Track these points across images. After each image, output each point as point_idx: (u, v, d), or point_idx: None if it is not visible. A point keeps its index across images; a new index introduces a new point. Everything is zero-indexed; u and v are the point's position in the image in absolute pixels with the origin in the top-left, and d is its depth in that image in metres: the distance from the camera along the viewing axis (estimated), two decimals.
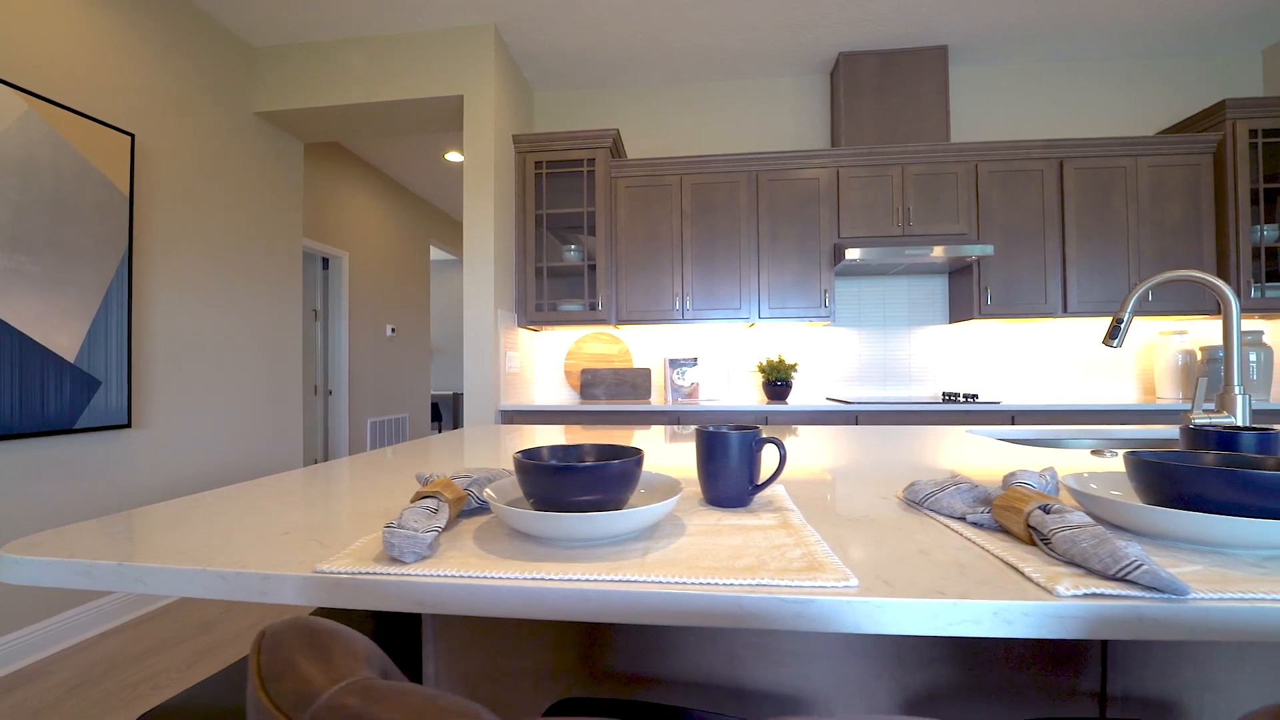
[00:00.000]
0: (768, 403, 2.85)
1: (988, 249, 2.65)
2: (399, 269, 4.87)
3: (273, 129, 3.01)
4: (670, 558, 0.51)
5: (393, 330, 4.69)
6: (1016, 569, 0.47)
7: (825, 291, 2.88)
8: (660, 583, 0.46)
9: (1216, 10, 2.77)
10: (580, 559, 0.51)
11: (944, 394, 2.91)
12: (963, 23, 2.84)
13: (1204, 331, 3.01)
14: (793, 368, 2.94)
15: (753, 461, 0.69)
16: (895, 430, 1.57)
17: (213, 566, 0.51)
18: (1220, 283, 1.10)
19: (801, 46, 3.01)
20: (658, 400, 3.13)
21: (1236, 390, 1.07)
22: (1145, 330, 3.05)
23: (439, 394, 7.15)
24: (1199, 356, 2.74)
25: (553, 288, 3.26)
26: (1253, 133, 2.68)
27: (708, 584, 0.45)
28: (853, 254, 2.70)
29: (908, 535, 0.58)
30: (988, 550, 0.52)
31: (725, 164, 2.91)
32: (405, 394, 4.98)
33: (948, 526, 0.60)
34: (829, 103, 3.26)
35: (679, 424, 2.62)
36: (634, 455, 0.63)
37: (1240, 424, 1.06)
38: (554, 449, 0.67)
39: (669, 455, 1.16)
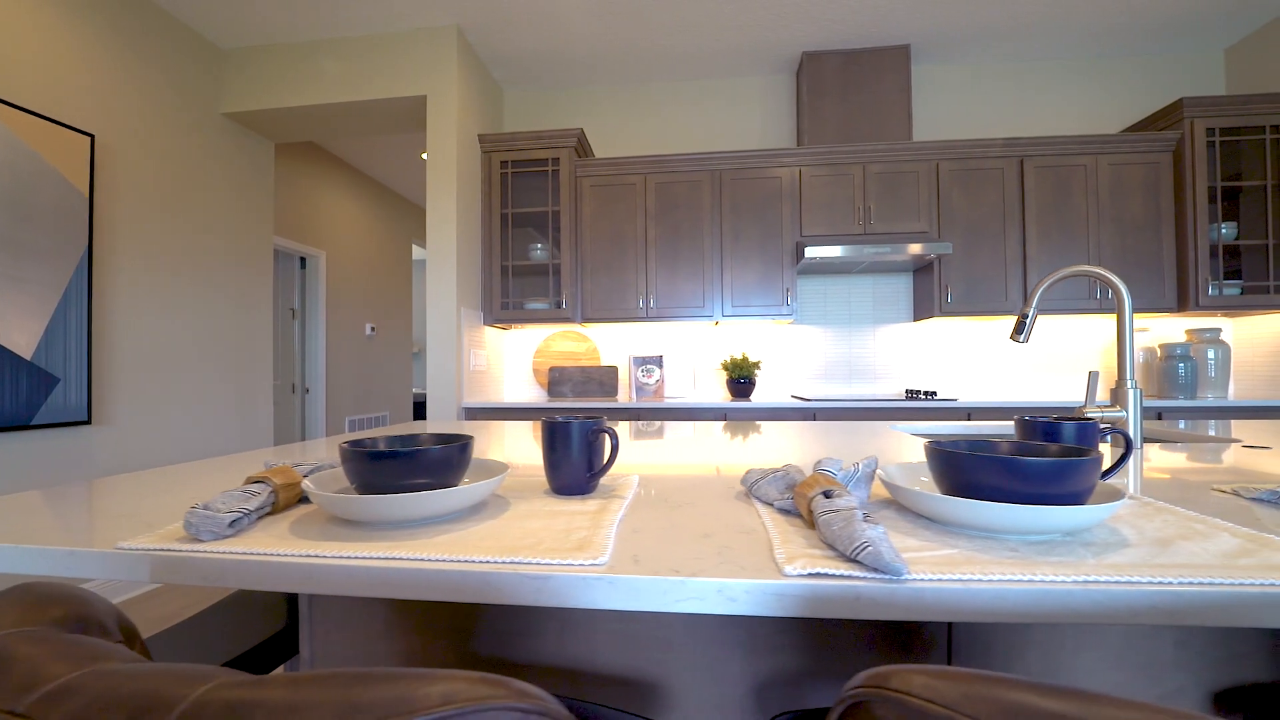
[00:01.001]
0: (732, 400, 2.87)
1: (946, 247, 2.66)
2: (380, 268, 4.90)
3: (241, 129, 3.04)
4: (460, 539, 0.53)
5: (373, 329, 4.72)
6: (772, 550, 0.49)
7: (787, 290, 2.89)
8: (416, 560, 0.48)
9: (1177, 10, 2.78)
10: (379, 539, 0.53)
11: (907, 391, 2.93)
12: (925, 22, 2.85)
13: (1165, 329, 3.02)
14: (756, 365, 2.96)
15: (592, 451, 0.71)
16: (825, 426, 1.58)
17: (28, 544, 0.53)
18: (1113, 277, 1.11)
19: (765, 46, 3.02)
20: (624, 398, 3.15)
21: (1128, 385, 1.09)
22: (1107, 328, 3.06)
23: (422, 393, 7.18)
24: (1159, 354, 2.75)
25: (520, 286, 3.28)
26: (1210, 131, 2.68)
27: (460, 561, 0.47)
28: (812, 252, 2.71)
29: (712, 520, 0.60)
30: (768, 532, 0.54)
31: (687, 163, 2.93)
32: (387, 392, 5.01)
33: (760, 512, 0.62)
34: (795, 102, 3.28)
35: (637, 421, 2.64)
36: (458, 441, 0.65)
37: (1130, 416, 1.08)
38: (392, 438, 0.69)
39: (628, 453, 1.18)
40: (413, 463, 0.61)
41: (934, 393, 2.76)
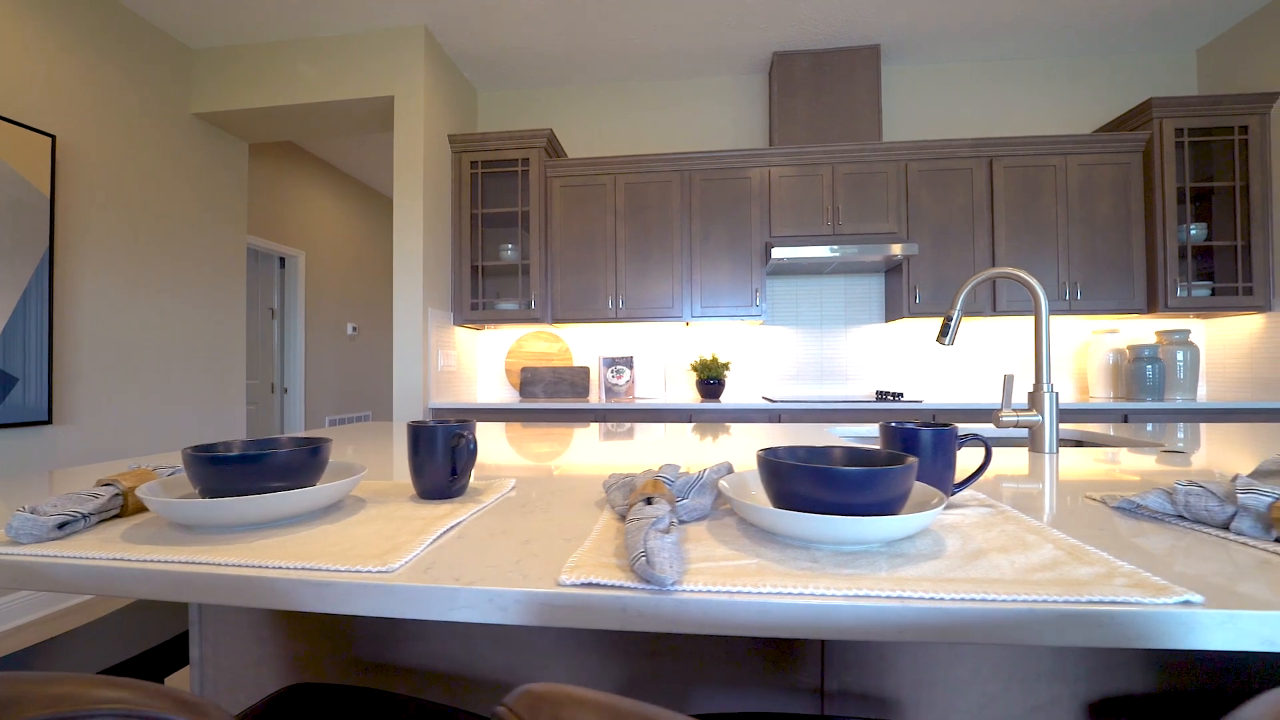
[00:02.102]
0: (701, 401, 2.86)
1: (913, 248, 2.65)
2: (362, 268, 4.91)
3: (213, 129, 3.04)
4: (280, 544, 0.53)
5: (354, 329, 4.72)
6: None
7: (756, 291, 2.88)
8: (208, 564, 0.48)
9: (1148, 10, 2.76)
10: (202, 543, 0.52)
11: (877, 392, 2.91)
12: (894, 22, 2.84)
13: (1135, 331, 3.00)
14: (725, 366, 2.95)
15: (455, 455, 0.71)
16: (767, 428, 1.58)
17: None
18: (1031, 279, 1.10)
19: (736, 46, 3.01)
20: (596, 399, 3.15)
21: (1045, 389, 1.08)
22: (1079, 330, 3.04)
23: None
24: (1127, 356, 2.73)
25: (491, 286, 3.28)
26: (1179, 131, 2.67)
27: (250, 566, 0.47)
28: (779, 253, 2.70)
29: (552, 527, 0.59)
30: (587, 540, 0.53)
31: (657, 163, 2.92)
32: (369, 392, 5.01)
33: (602, 518, 0.61)
34: (768, 102, 3.27)
35: (602, 421, 2.63)
36: (312, 445, 0.65)
37: (1045, 421, 1.07)
38: (248, 443, 0.69)
39: (602, 454, 1.18)
40: (251, 467, 0.60)
41: (900, 394, 2.75)
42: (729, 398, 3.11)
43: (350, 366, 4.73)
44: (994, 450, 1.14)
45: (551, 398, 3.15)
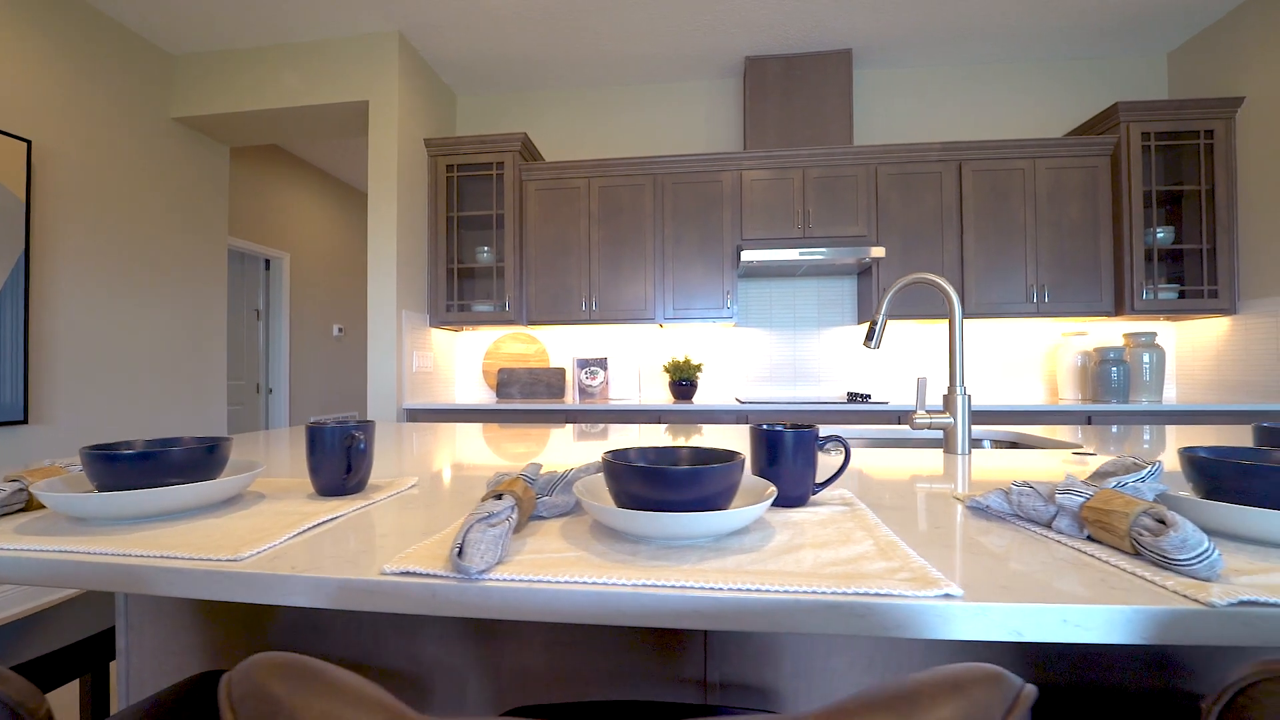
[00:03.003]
0: (674, 402, 2.89)
1: (880, 251, 2.68)
2: (348, 269, 4.95)
3: (193, 133, 3.08)
4: (155, 536, 0.56)
5: (340, 330, 4.76)
6: (406, 549, 0.52)
7: (727, 293, 2.91)
8: (66, 552, 0.51)
9: (1118, 15, 2.78)
10: (87, 535, 0.56)
11: (849, 394, 2.94)
12: (865, 27, 2.86)
13: (1104, 333, 3.02)
14: (698, 368, 2.98)
15: (352, 454, 0.74)
16: (725, 428, 1.60)
17: None
18: (946, 284, 1.13)
19: (709, 51, 3.04)
20: (571, 400, 3.18)
21: (958, 392, 1.11)
22: (1050, 332, 3.06)
23: None
24: (1093, 358, 2.75)
25: (468, 288, 3.31)
26: (1145, 135, 2.69)
27: (107, 555, 0.50)
28: (748, 256, 2.73)
29: (421, 523, 0.63)
30: (441, 534, 0.56)
31: (630, 167, 2.96)
32: (355, 392, 5.06)
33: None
34: (743, 106, 3.30)
35: (574, 422, 2.66)
36: (209, 443, 0.68)
37: (957, 423, 1.10)
38: (150, 441, 0.72)
39: (574, 454, 1.21)
40: (142, 464, 0.63)
41: (868, 396, 2.78)
42: (702, 399, 3.14)
43: (336, 367, 4.78)
44: (916, 450, 1.17)
45: (528, 399, 3.19)
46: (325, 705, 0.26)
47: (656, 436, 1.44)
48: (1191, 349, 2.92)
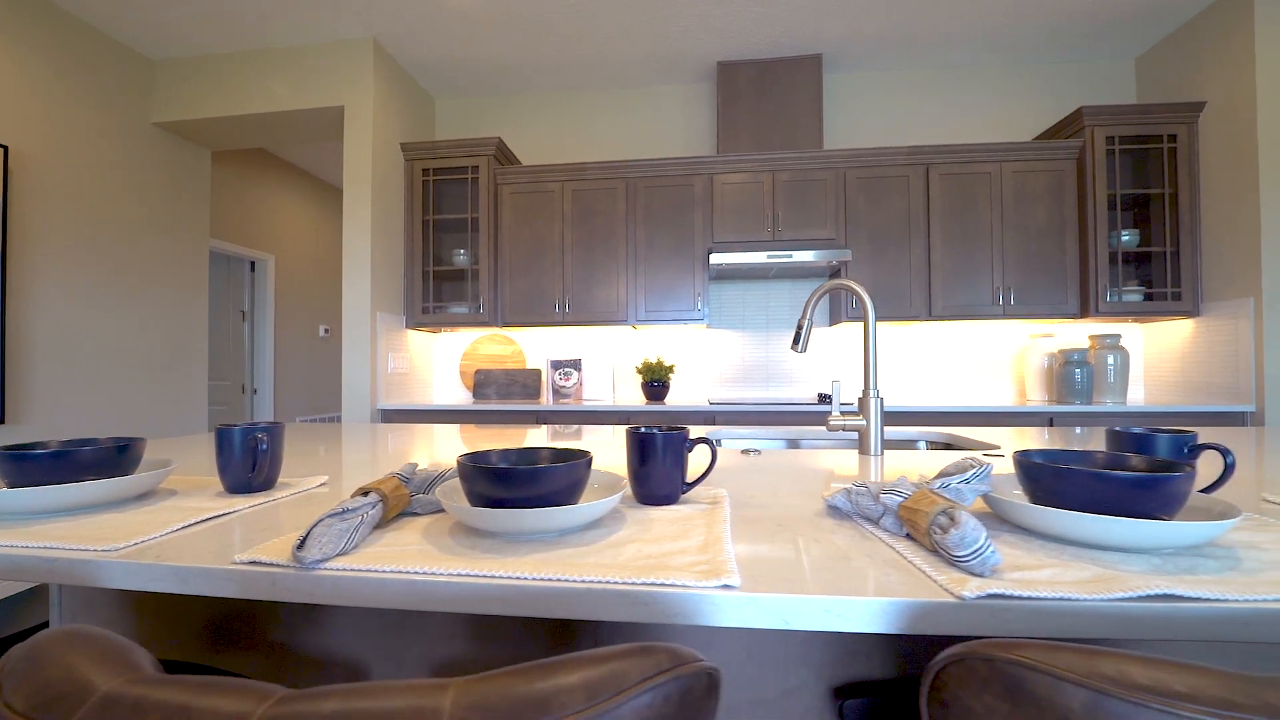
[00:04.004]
0: (647, 403, 2.93)
1: (846, 254, 2.72)
2: (333, 270, 5.00)
3: (173, 138, 3.13)
4: (51, 529, 0.60)
5: (326, 330, 4.81)
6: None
7: (698, 295, 2.95)
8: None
9: (1086, 20, 2.81)
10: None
11: (819, 395, 2.97)
12: (835, 32, 2.90)
13: (1071, 335, 3.05)
14: (670, 369, 3.02)
15: (256, 454, 0.78)
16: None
17: None
18: (861, 291, 1.17)
19: (681, 56, 3.08)
20: (546, 401, 3.22)
21: (872, 395, 1.14)
22: (1019, 334, 3.09)
23: None
24: (1059, 360, 2.78)
25: (445, 290, 3.35)
26: (1110, 139, 2.72)
27: (7, 546, 0.55)
28: (717, 259, 2.77)
29: (299, 517, 0.67)
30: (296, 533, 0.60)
31: (603, 170, 2.99)
32: (340, 392, 5.10)
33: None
34: (716, 110, 3.33)
35: (546, 423, 2.71)
36: (120, 443, 0.73)
37: (870, 425, 1.13)
38: (64, 442, 0.76)
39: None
40: (50, 463, 0.68)
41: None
42: (676, 399, 3.18)
43: (322, 368, 4.83)
44: (834, 451, 1.21)
45: (504, 399, 3.23)
46: (74, 659, 0.30)
47: (604, 437, 1.48)
48: (1159, 351, 2.95)
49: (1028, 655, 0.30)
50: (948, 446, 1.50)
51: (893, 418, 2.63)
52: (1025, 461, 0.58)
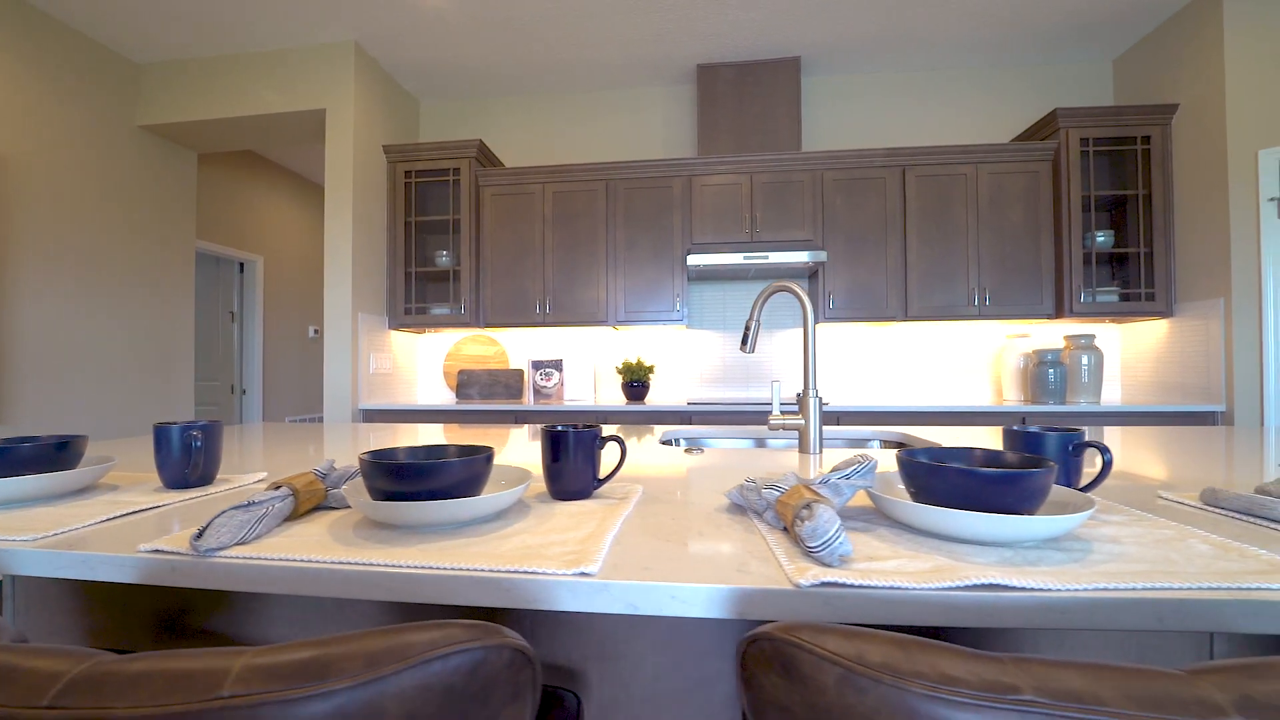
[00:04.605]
0: (627, 403, 2.96)
1: (822, 255, 2.74)
2: (322, 271, 5.03)
3: (159, 140, 3.17)
4: (10, 519, 0.63)
5: (315, 331, 4.85)
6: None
7: (677, 296, 2.98)
8: None
9: (1063, 22, 2.83)
10: None
11: (797, 395, 2.99)
12: (813, 35, 2.92)
13: (1048, 336, 3.07)
14: (650, 369, 3.05)
15: (192, 450, 0.81)
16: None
17: None
18: (801, 293, 1.19)
19: (661, 59, 3.11)
20: (528, 401, 3.25)
21: (811, 395, 1.17)
22: (997, 334, 3.11)
23: None
24: (1033, 360, 2.80)
25: (427, 291, 3.38)
26: (1084, 141, 2.74)
27: None
28: (694, 260, 2.80)
29: (214, 511, 0.69)
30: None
31: (584, 172, 3.02)
32: None
33: None
34: (696, 112, 3.36)
35: (525, 423, 2.73)
36: (59, 440, 0.76)
37: (809, 424, 1.16)
38: (11, 439, 0.79)
39: (518, 453, 1.28)
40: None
41: None
42: (656, 399, 3.20)
43: (311, 368, 4.86)
44: (787, 451, 1.24)
45: (486, 400, 3.26)
46: None
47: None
48: (1135, 351, 2.97)
49: (800, 636, 0.33)
50: (900, 445, 1.53)
51: (864, 417, 2.66)
52: (902, 459, 0.60)
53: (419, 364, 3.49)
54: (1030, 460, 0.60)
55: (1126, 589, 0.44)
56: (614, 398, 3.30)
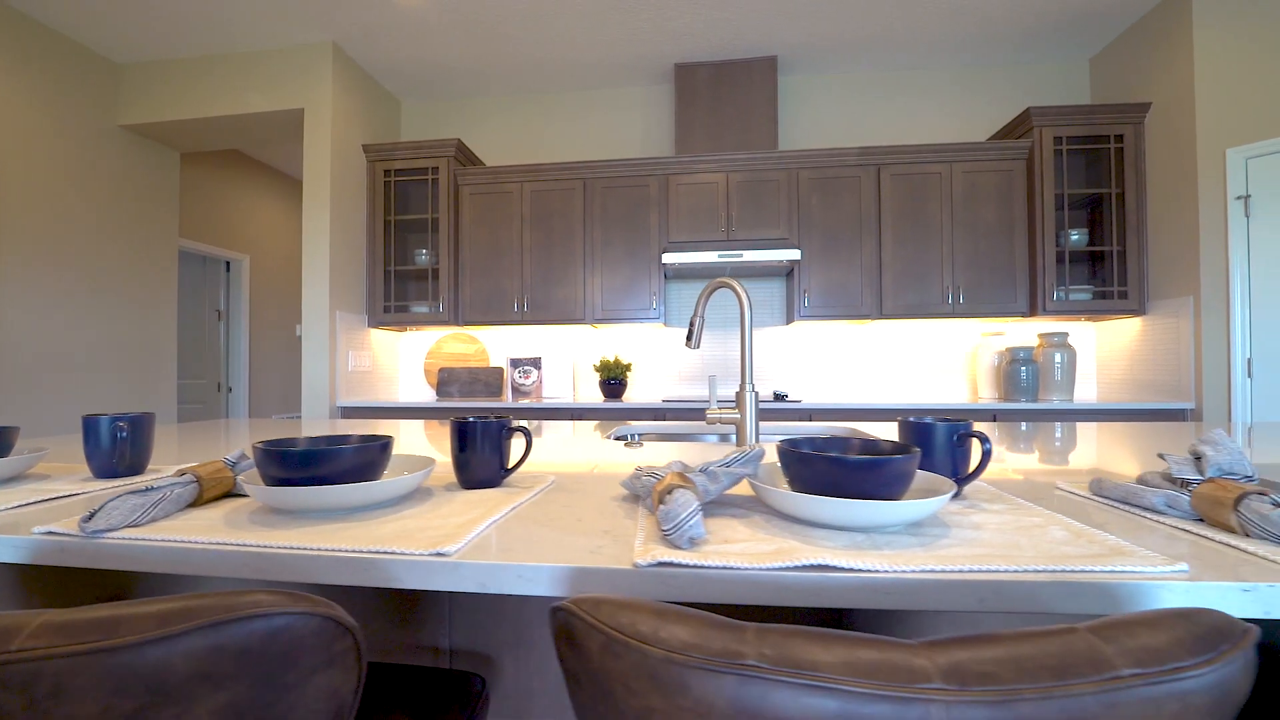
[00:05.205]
0: (605, 401, 2.98)
1: (795, 254, 2.76)
2: None
3: (141, 140, 3.19)
4: None
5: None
6: None
7: (654, 295, 3.00)
8: None
9: (1039, 21, 2.83)
10: None
11: (774, 393, 3.02)
12: (790, 35, 2.93)
13: (1023, 334, 3.08)
14: (627, 368, 3.07)
15: (118, 441, 0.83)
16: (548, 425, 1.69)
17: None
18: (740, 289, 1.21)
19: (638, 58, 3.13)
20: (507, 399, 3.27)
21: (748, 390, 1.19)
22: (973, 332, 3.13)
23: None
24: (1006, 358, 2.82)
25: (406, 289, 3.40)
26: (1057, 140, 2.75)
27: None
28: (669, 259, 2.82)
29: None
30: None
31: (561, 172, 3.04)
32: None
33: None
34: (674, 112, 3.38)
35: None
36: None
37: (746, 419, 1.18)
38: None
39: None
40: None
41: (785, 395, 2.85)
42: (634, 397, 3.23)
43: (298, 366, 4.88)
44: (716, 443, 1.26)
45: (466, 397, 3.28)
46: None
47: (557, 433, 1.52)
48: (1111, 349, 2.98)
49: (580, 607, 0.35)
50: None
51: (838, 415, 2.67)
52: (779, 448, 0.62)
53: (401, 362, 3.51)
54: (901, 448, 0.62)
55: (949, 571, 0.46)
56: (593, 395, 3.33)
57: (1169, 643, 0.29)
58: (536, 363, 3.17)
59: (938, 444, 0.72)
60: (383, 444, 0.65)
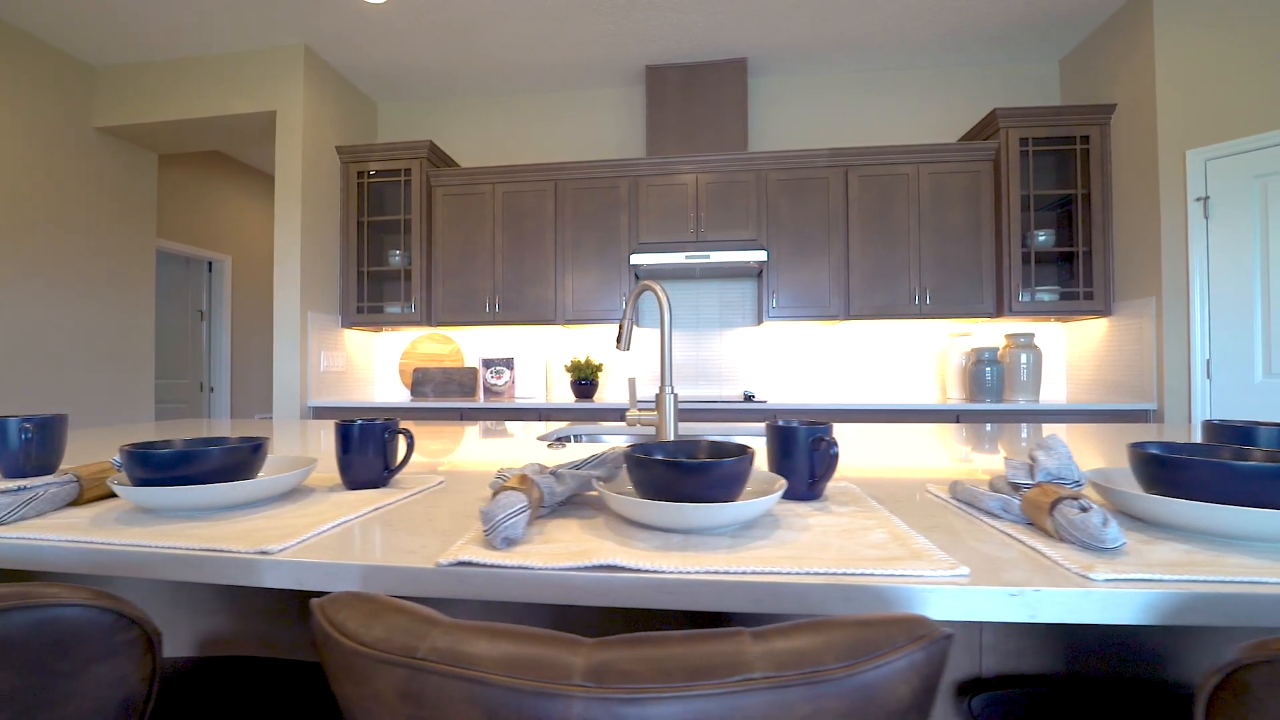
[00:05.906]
0: (576, 401, 3.01)
1: (762, 255, 2.77)
2: None
3: (117, 141, 3.23)
4: None
5: None
6: None
7: (624, 295, 3.02)
8: None
9: (1009, 22, 2.84)
10: None
11: (744, 394, 3.04)
12: (756, 37, 2.95)
13: (990, 334, 3.10)
14: (599, 368, 3.09)
15: (22, 442, 0.86)
16: (491, 426, 1.72)
17: None
18: (659, 290, 1.23)
19: (609, 60, 3.14)
20: (480, 399, 3.30)
21: (667, 391, 1.21)
22: (942, 333, 3.14)
23: None
24: (972, 359, 2.83)
25: (380, 290, 3.43)
26: (1023, 141, 2.76)
27: None
28: (637, 260, 2.84)
29: None
30: None
31: (532, 173, 3.07)
32: None
33: None
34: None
35: (470, 420, 2.78)
36: None
37: (665, 420, 1.20)
38: None
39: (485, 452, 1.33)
40: None
41: (753, 395, 2.87)
42: (605, 397, 3.25)
43: None
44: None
45: (440, 397, 3.31)
46: None
47: (496, 434, 1.55)
48: (1079, 350, 2.99)
49: (322, 602, 0.37)
50: None
51: (804, 415, 2.69)
52: (625, 452, 0.65)
53: (376, 362, 3.54)
54: (738, 451, 0.64)
55: (730, 573, 0.48)
56: (566, 395, 3.35)
57: (820, 646, 0.31)
58: (509, 363, 3.20)
59: (799, 447, 0.75)
60: (254, 445, 0.67)
